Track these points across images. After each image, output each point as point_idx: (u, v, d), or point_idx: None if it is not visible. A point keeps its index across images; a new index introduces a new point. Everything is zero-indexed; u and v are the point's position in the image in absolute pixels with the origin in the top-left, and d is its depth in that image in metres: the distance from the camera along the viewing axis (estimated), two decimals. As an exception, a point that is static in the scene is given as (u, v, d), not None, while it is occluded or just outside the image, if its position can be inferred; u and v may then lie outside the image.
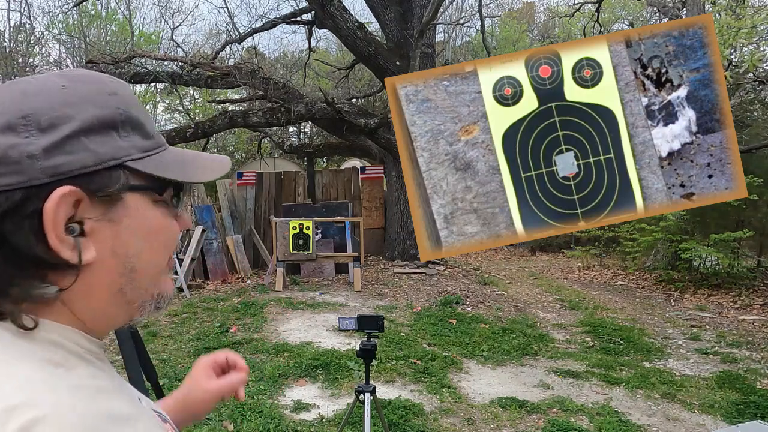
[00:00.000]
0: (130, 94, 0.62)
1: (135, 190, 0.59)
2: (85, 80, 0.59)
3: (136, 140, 0.59)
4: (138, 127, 0.60)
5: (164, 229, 0.62)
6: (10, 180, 0.52)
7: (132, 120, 0.59)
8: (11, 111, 0.53)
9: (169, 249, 0.64)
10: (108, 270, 0.57)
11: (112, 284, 0.58)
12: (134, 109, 0.60)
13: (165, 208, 0.62)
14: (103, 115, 0.57)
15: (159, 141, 0.63)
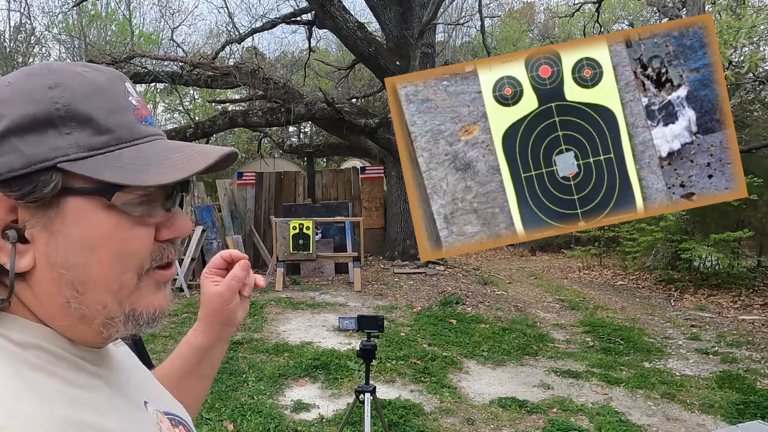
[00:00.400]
0: (88, 82, 0.54)
1: (76, 194, 0.52)
2: (32, 73, 0.54)
3: (80, 137, 0.52)
4: (86, 122, 0.53)
5: (117, 238, 0.54)
6: None
7: (77, 115, 0.52)
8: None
9: (130, 261, 0.55)
10: (47, 280, 0.53)
11: (55, 296, 0.54)
12: (86, 101, 0.53)
13: (121, 215, 0.54)
14: (36, 111, 0.51)
15: (121, 135, 0.55)
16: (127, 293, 0.56)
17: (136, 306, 0.57)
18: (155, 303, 0.59)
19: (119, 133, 0.55)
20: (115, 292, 0.55)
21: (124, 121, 0.56)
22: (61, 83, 0.53)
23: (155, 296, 0.59)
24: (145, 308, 0.58)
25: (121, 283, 0.55)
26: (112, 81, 0.57)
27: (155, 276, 0.59)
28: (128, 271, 0.56)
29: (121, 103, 0.56)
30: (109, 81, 0.56)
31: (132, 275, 0.56)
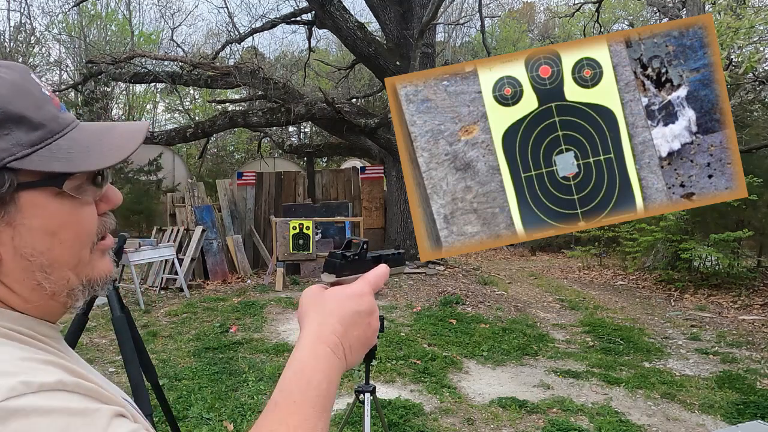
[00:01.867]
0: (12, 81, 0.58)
1: (29, 188, 0.57)
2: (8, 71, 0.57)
3: (19, 136, 0.56)
4: (20, 121, 0.56)
5: (73, 221, 0.60)
6: None
7: (11, 116, 0.56)
8: None
9: (84, 238, 0.62)
10: (19, 269, 0.58)
11: (28, 281, 0.59)
12: (15, 101, 0.57)
13: (71, 199, 0.59)
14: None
15: (54, 127, 0.59)
16: (83, 266, 0.62)
17: (91, 275, 0.64)
18: (104, 269, 0.66)
19: (50, 126, 0.59)
20: (74, 267, 0.61)
21: (49, 114, 0.60)
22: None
23: (103, 263, 0.65)
24: (98, 275, 0.65)
25: (79, 259, 0.62)
26: (24, 77, 0.60)
27: (99, 247, 0.65)
28: (84, 247, 0.62)
29: (41, 98, 0.60)
30: (23, 78, 0.59)
31: (87, 250, 0.62)
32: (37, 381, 0.49)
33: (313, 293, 0.74)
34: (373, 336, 0.72)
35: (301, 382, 0.63)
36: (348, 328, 0.69)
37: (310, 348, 0.66)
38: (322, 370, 0.64)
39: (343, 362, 0.68)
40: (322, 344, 0.66)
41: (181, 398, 4.06)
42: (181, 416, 3.74)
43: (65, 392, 0.51)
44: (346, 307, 0.70)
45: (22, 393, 0.48)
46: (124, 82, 10.24)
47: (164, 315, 6.64)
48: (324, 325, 0.68)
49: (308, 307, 0.72)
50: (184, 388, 4.24)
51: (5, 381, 0.48)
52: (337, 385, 0.66)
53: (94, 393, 0.54)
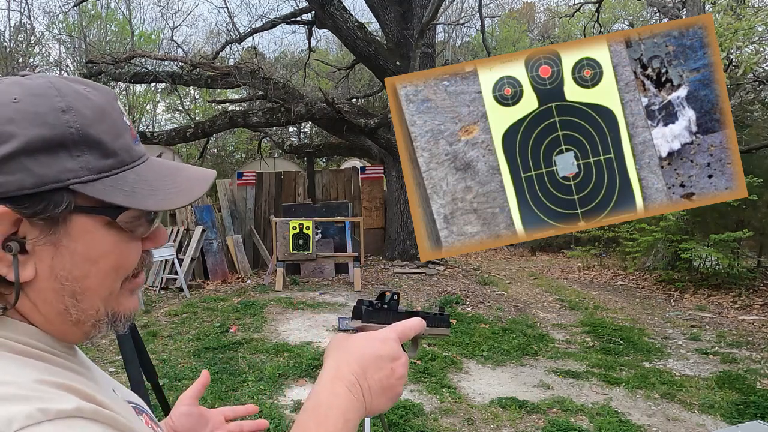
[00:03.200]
0: (98, 105, 0.58)
1: (82, 213, 0.56)
2: (40, 93, 0.55)
3: (89, 160, 0.56)
4: (95, 146, 0.56)
5: (116, 253, 0.59)
6: None
7: (88, 139, 0.56)
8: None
9: (121, 271, 0.61)
10: (50, 290, 0.57)
11: (55, 304, 0.57)
12: (95, 125, 0.57)
13: (120, 231, 0.59)
14: (52, 134, 0.54)
15: (125, 158, 0.59)
16: (113, 299, 0.61)
17: (117, 310, 0.62)
18: (131, 306, 0.64)
19: (122, 156, 0.59)
20: (105, 299, 0.60)
21: (125, 144, 0.60)
22: (73, 107, 0.56)
23: (131, 301, 0.64)
24: (124, 311, 0.63)
25: (110, 292, 0.61)
26: (110, 102, 0.60)
27: (131, 285, 0.64)
28: (119, 280, 0.61)
29: (121, 126, 0.60)
30: (108, 103, 0.60)
31: (118, 284, 0.61)
32: (55, 408, 0.48)
33: (338, 338, 0.76)
34: (397, 383, 0.71)
35: (318, 417, 0.64)
36: (367, 370, 0.70)
37: (328, 385, 0.68)
38: (338, 407, 0.65)
39: (362, 403, 0.68)
40: (340, 382, 0.68)
41: (181, 398, 4.06)
42: (181, 416, 3.74)
43: (83, 419, 0.50)
44: (367, 350, 0.71)
45: (38, 421, 0.47)
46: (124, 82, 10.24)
47: (164, 315, 6.64)
48: (343, 365, 0.70)
49: (332, 350, 0.74)
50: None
51: (22, 408, 0.47)
52: (356, 426, 0.67)
53: (112, 421, 0.53)
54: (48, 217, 0.54)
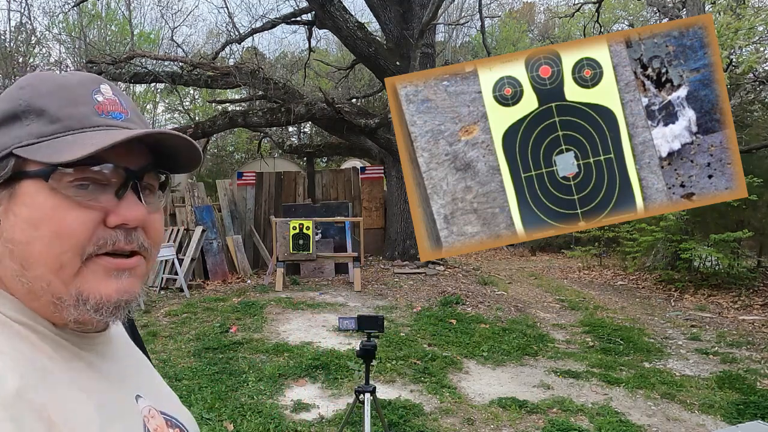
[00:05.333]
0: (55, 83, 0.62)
1: (24, 177, 0.59)
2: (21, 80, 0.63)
3: (36, 128, 0.59)
4: (40, 114, 0.60)
5: (57, 218, 0.58)
6: None
7: (34, 108, 0.60)
8: None
9: (68, 240, 0.58)
10: (3, 255, 0.59)
11: (8, 270, 0.60)
12: (45, 97, 0.60)
13: (62, 197, 0.58)
14: (7, 107, 0.61)
15: (70, 124, 0.60)
16: (70, 274, 0.59)
17: (82, 289, 0.59)
18: (102, 290, 0.60)
19: (68, 122, 0.60)
20: (56, 272, 0.58)
21: (76, 113, 0.61)
22: (30, 83, 0.62)
23: (103, 283, 0.60)
24: (92, 293, 0.59)
25: (61, 263, 0.58)
26: (82, 82, 0.63)
27: (102, 262, 0.60)
28: (67, 251, 0.58)
29: (80, 99, 0.62)
30: (80, 82, 0.63)
31: (72, 256, 0.58)
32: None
33: None
34: None
35: None
36: None
37: None
38: None
39: None
40: None
41: (181, 398, 4.03)
42: (181, 416, 3.74)
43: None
44: None
45: None
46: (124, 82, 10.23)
47: (164, 315, 6.64)
48: None
49: None
50: (184, 388, 4.24)
51: None
52: None
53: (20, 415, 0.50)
54: None
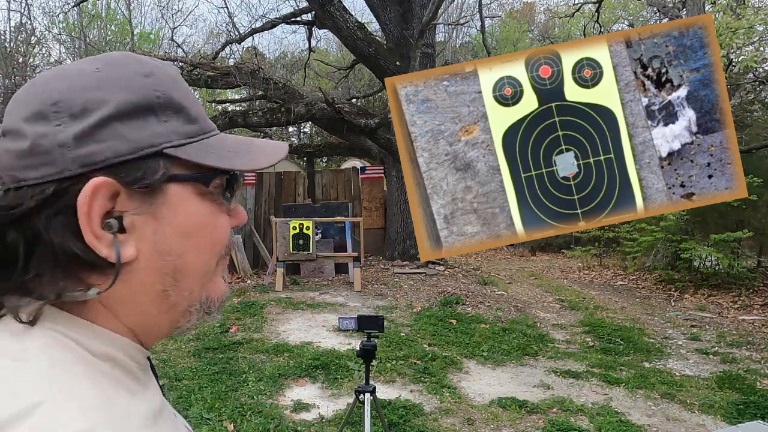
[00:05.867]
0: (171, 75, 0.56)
1: (177, 181, 0.53)
2: (120, 62, 0.54)
3: (177, 125, 0.53)
4: (180, 111, 0.54)
5: (211, 225, 0.56)
6: (42, 172, 0.48)
7: (173, 103, 0.54)
8: (42, 97, 0.50)
9: (217, 247, 0.57)
10: (150, 270, 0.52)
11: (155, 285, 0.53)
12: (176, 91, 0.55)
13: (213, 202, 0.56)
14: (139, 99, 0.52)
15: (205, 126, 0.57)
16: (209, 280, 0.57)
17: (209, 293, 0.58)
18: (222, 289, 0.60)
19: (202, 124, 0.57)
20: (201, 279, 0.56)
21: (202, 113, 0.58)
22: (153, 72, 0.54)
23: (220, 283, 0.60)
24: (216, 295, 0.59)
25: (206, 270, 0.57)
26: (179, 74, 0.58)
27: (222, 263, 0.59)
28: (215, 257, 0.57)
29: (194, 96, 0.58)
30: (178, 74, 0.58)
31: (215, 262, 0.57)
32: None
33: None
34: None
35: None
36: None
37: None
38: None
39: None
40: None
41: (181, 398, 4.06)
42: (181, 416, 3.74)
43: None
44: None
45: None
46: (124, 82, 10.23)
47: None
48: None
49: None
50: (184, 388, 4.24)
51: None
52: None
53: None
54: (146, 187, 0.51)
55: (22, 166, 0.48)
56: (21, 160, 0.48)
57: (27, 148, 0.48)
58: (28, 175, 0.48)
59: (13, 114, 0.50)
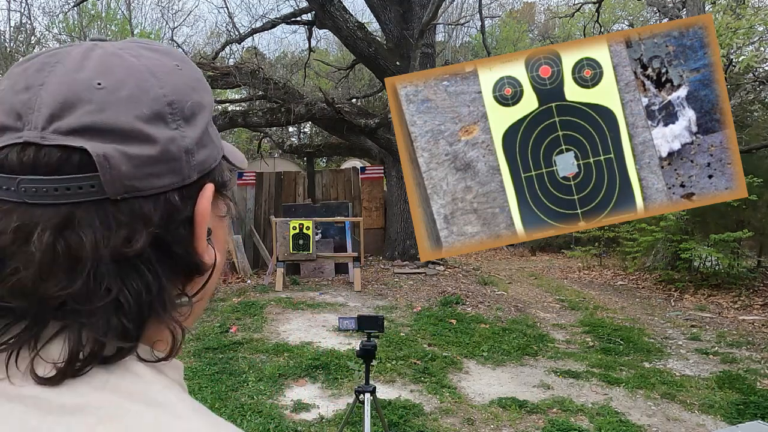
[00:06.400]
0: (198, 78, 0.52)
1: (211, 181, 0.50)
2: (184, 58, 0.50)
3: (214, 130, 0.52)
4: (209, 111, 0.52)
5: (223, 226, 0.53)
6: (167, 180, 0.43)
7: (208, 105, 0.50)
8: (153, 95, 0.43)
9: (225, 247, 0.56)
10: (217, 271, 0.50)
11: (214, 286, 0.51)
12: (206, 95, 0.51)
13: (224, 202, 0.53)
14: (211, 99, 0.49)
15: None
16: None
17: None
18: None
19: None
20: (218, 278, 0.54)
21: None
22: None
23: None
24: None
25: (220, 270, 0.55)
26: None
27: None
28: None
29: None
30: None
31: None
32: None
33: None
34: None
35: None
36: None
37: None
38: None
39: None
40: None
41: (181, 398, 4.06)
42: (181, 416, 3.74)
43: None
44: None
45: None
46: (124, 82, 10.22)
47: (164, 315, 6.64)
48: None
49: None
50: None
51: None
52: None
53: None
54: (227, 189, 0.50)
55: (147, 174, 0.42)
56: (147, 167, 0.42)
57: (157, 154, 0.43)
58: (153, 183, 0.43)
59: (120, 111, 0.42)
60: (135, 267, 0.42)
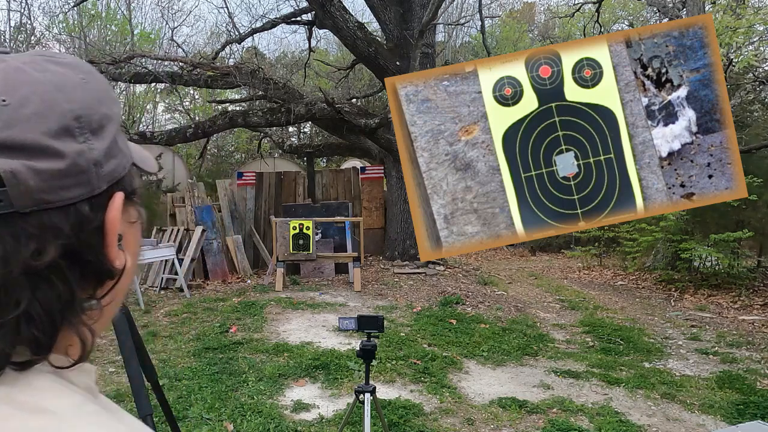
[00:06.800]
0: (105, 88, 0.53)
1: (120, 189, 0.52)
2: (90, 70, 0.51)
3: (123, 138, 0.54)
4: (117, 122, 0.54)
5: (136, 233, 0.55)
6: (76, 192, 0.45)
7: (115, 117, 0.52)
8: (59, 110, 0.45)
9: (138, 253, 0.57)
10: (129, 274, 0.51)
11: (125, 290, 0.53)
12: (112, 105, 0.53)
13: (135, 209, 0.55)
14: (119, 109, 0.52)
15: None
16: None
17: None
18: None
19: None
20: None
21: None
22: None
23: None
24: None
25: None
26: None
27: None
28: None
29: None
30: None
31: None
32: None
33: None
34: None
35: None
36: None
37: None
38: None
39: None
40: None
41: (181, 398, 4.06)
42: (181, 416, 3.75)
43: None
44: None
45: None
46: (124, 82, 10.23)
47: (164, 315, 6.64)
48: None
49: None
50: (184, 388, 4.24)
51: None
52: None
53: None
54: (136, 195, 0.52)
55: (56, 187, 0.44)
56: (56, 180, 0.44)
57: (65, 168, 0.44)
58: (62, 196, 0.44)
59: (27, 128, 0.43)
60: (46, 278, 0.43)
